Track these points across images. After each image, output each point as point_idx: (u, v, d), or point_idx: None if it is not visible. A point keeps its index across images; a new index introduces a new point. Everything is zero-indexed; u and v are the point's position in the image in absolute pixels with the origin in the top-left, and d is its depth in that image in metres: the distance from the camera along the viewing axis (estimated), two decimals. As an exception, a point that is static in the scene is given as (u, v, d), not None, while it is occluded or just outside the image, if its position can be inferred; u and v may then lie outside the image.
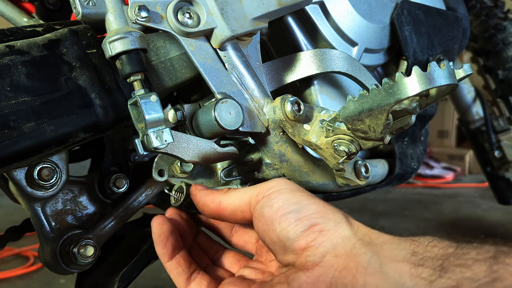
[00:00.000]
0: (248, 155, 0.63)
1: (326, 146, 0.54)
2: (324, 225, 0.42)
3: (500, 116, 1.33)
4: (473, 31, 1.27)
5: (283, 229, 0.43)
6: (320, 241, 0.41)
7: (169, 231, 0.51)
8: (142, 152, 0.49)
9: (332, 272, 0.40)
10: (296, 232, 0.42)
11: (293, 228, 0.42)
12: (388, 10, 0.76)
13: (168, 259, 0.51)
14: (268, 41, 0.74)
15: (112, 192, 0.70)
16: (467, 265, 0.35)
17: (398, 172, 0.80)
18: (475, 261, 0.35)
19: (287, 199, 0.45)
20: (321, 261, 0.40)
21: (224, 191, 0.51)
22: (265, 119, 0.57)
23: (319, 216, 0.43)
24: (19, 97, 0.49)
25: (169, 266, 0.51)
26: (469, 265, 0.35)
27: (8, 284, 1.55)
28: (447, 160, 3.06)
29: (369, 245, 0.41)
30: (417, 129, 0.85)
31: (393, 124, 0.50)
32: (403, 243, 0.40)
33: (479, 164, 1.40)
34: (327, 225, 0.42)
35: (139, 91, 0.49)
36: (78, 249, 0.63)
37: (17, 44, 0.51)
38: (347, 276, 0.39)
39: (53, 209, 0.65)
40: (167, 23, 0.54)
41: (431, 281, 0.36)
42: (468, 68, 0.47)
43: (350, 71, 0.68)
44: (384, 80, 0.44)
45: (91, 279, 0.75)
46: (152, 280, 1.47)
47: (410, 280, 0.36)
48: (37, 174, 0.59)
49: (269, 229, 0.44)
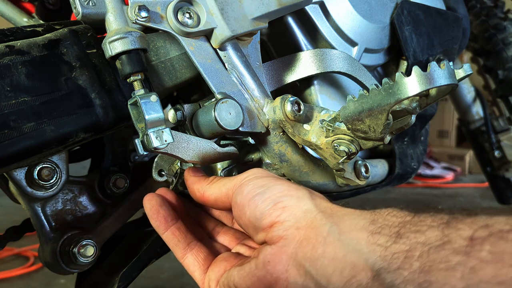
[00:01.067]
0: (248, 155, 0.63)
1: (326, 146, 0.54)
2: (287, 202, 0.45)
3: (500, 116, 1.33)
4: (473, 31, 1.27)
5: (251, 212, 0.46)
6: (284, 217, 0.44)
7: (158, 204, 0.53)
8: (142, 152, 0.49)
9: (294, 243, 0.42)
10: (262, 211, 0.45)
11: (259, 209, 0.45)
12: (388, 10, 0.76)
13: (163, 230, 0.53)
14: (268, 41, 0.74)
15: (112, 192, 0.71)
16: (421, 231, 0.37)
17: (398, 172, 0.80)
18: (429, 227, 0.37)
19: (254, 184, 0.47)
20: (284, 234, 0.43)
21: (209, 180, 0.53)
22: (265, 119, 0.57)
23: (283, 195, 0.45)
24: (19, 97, 0.49)
25: (165, 237, 0.53)
26: (423, 231, 0.37)
27: (8, 284, 1.56)
28: (447, 160, 3.07)
29: (330, 216, 0.43)
30: (417, 129, 0.85)
31: (393, 124, 0.50)
32: (363, 214, 0.42)
33: (479, 164, 1.40)
34: (290, 201, 0.45)
35: (139, 91, 0.49)
36: (78, 249, 0.63)
37: (17, 44, 0.52)
38: (307, 246, 0.41)
39: (53, 209, 0.65)
40: (167, 23, 0.54)
41: (386, 246, 0.37)
42: (468, 68, 0.47)
43: (350, 71, 0.68)
44: (384, 80, 0.44)
45: (91, 279, 0.75)
46: (152, 280, 1.47)
47: (366, 247, 0.38)
48: (37, 174, 0.59)
49: (241, 214, 0.47)
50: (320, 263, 0.40)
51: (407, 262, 0.36)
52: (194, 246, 0.53)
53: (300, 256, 0.41)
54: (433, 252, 0.35)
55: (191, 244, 0.53)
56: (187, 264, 0.52)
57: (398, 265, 0.36)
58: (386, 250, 0.37)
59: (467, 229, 0.35)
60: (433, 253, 0.35)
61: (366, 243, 0.38)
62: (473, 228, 0.35)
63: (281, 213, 0.44)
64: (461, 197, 2.43)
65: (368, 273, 0.37)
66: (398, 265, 0.36)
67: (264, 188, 0.46)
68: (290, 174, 0.61)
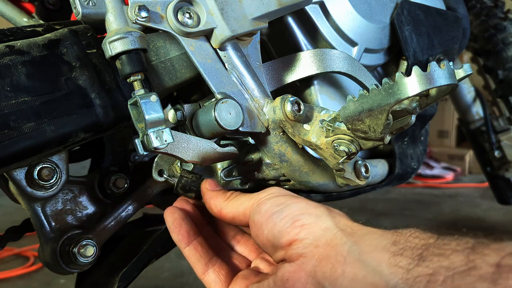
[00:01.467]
0: (248, 155, 0.63)
1: (326, 146, 0.54)
2: (305, 220, 0.45)
3: (500, 116, 1.33)
4: (473, 31, 1.27)
5: (269, 230, 0.46)
6: (302, 235, 0.44)
7: (181, 218, 0.53)
8: (142, 152, 0.49)
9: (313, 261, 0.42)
10: (281, 230, 0.45)
11: (277, 227, 0.45)
12: (388, 10, 0.76)
13: (186, 244, 0.52)
14: (268, 41, 0.74)
15: (112, 192, 0.70)
16: (445, 254, 0.36)
17: (398, 172, 0.80)
18: (454, 251, 0.36)
19: (272, 203, 0.47)
20: (303, 252, 0.43)
21: (227, 197, 0.53)
22: (265, 119, 0.57)
23: (301, 213, 0.45)
24: (19, 97, 0.49)
25: (187, 252, 0.52)
26: (447, 255, 0.36)
27: (8, 284, 1.56)
28: (447, 160, 3.06)
29: (350, 235, 0.42)
30: (417, 129, 0.85)
31: (393, 124, 0.50)
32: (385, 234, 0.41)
33: (479, 164, 1.40)
34: (309, 219, 0.45)
35: (139, 91, 0.49)
36: (78, 249, 0.63)
37: (17, 44, 0.51)
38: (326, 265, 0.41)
39: (53, 209, 0.65)
40: (167, 23, 0.54)
41: (409, 269, 0.36)
42: (468, 68, 0.47)
43: (350, 71, 0.68)
44: (384, 80, 0.44)
45: (91, 279, 0.75)
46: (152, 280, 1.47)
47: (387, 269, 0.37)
48: (37, 174, 0.59)
49: (259, 233, 0.47)
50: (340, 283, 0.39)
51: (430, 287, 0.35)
52: (216, 262, 0.52)
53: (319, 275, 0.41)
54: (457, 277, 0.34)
55: (212, 259, 0.52)
56: (208, 281, 0.51)
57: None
58: (408, 273, 0.36)
59: (493, 256, 0.34)
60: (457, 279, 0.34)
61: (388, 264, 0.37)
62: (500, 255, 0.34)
63: (299, 231, 0.44)
64: (461, 197, 2.43)
65: None
66: None
67: (282, 206, 0.46)
68: (290, 174, 0.61)
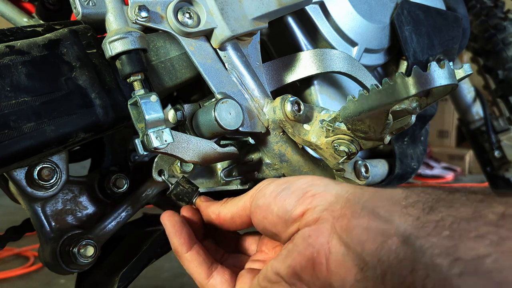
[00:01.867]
0: (248, 155, 0.63)
1: (326, 146, 0.54)
2: (315, 190, 0.45)
3: (500, 116, 1.33)
4: (473, 31, 1.27)
5: (280, 207, 0.46)
6: (315, 203, 0.45)
7: (181, 222, 0.52)
8: (142, 152, 0.49)
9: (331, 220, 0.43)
10: (292, 203, 0.45)
11: (288, 201, 0.46)
12: (388, 10, 0.76)
13: (187, 249, 0.51)
14: (268, 41, 0.74)
15: (112, 192, 0.70)
16: (454, 206, 0.38)
17: (398, 172, 0.80)
18: (463, 204, 0.38)
19: (275, 184, 0.48)
20: (320, 215, 0.44)
21: (222, 202, 0.53)
22: (265, 119, 0.57)
23: (309, 185, 0.46)
24: (19, 97, 0.49)
25: (188, 256, 0.51)
26: (456, 207, 0.38)
27: (8, 284, 1.56)
28: (447, 160, 3.07)
29: (361, 195, 0.44)
30: (417, 129, 0.85)
31: (393, 124, 0.50)
32: (396, 191, 0.43)
33: (479, 164, 1.40)
34: (318, 189, 0.45)
35: (139, 91, 0.49)
36: (78, 249, 0.63)
37: (17, 44, 0.51)
38: (343, 220, 0.42)
39: (53, 209, 0.65)
40: (167, 23, 0.54)
41: (418, 217, 0.38)
42: (468, 68, 0.47)
43: (350, 71, 0.68)
44: (384, 80, 0.44)
45: (91, 279, 0.75)
46: (152, 280, 1.47)
47: (399, 218, 0.39)
48: (37, 174, 0.59)
49: (267, 214, 0.47)
50: (355, 232, 0.41)
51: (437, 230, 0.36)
52: (217, 265, 0.52)
53: (338, 229, 0.42)
54: (463, 223, 0.36)
55: (213, 263, 0.52)
56: (214, 285, 0.51)
57: (428, 232, 0.37)
58: (417, 220, 0.38)
59: (500, 207, 0.36)
60: (463, 224, 0.36)
61: (399, 214, 0.39)
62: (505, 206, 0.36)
63: (311, 200, 0.45)
64: (461, 197, 2.42)
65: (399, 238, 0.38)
66: (428, 232, 0.37)
67: (287, 184, 0.47)
68: (290, 174, 0.61)
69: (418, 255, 0.36)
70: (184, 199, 0.56)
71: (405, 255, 0.37)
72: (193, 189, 0.56)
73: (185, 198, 0.56)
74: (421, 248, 0.36)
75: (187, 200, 0.56)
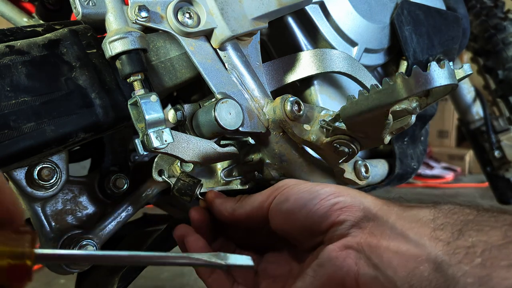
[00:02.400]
0: (248, 155, 0.63)
1: (326, 146, 0.54)
2: (342, 203, 0.46)
3: (500, 116, 1.33)
4: (473, 31, 1.27)
5: (307, 217, 0.46)
6: (343, 217, 0.45)
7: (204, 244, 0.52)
8: (142, 152, 0.49)
9: (358, 238, 0.43)
10: (320, 215, 0.45)
11: (317, 213, 0.46)
12: (388, 10, 0.76)
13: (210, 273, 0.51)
14: (268, 41, 0.74)
15: (112, 192, 0.70)
16: (484, 230, 0.38)
17: (398, 172, 0.80)
18: (492, 228, 0.38)
19: (299, 191, 0.48)
20: (347, 232, 0.44)
21: (237, 199, 0.53)
22: (265, 119, 0.57)
23: (335, 196, 0.46)
24: (19, 97, 0.49)
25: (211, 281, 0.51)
26: (486, 230, 0.38)
27: (8, 284, 1.55)
28: (447, 160, 3.06)
29: (389, 213, 0.44)
30: (417, 129, 0.85)
31: (393, 124, 0.50)
32: (424, 209, 0.43)
33: (479, 164, 1.40)
34: (346, 202, 0.46)
35: (139, 91, 0.49)
36: (78, 249, 0.62)
37: (17, 44, 0.51)
38: (372, 241, 0.43)
39: (53, 209, 0.65)
40: (167, 23, 0.54)
41: (449, 242, 0.38)
42: (468, 68, 0.47)
43: (350, 71, 0.68)
44: (384, 80, 0.44)
45: (91, 279, 0.75)
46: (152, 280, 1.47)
47: (429, 242, 0.39)
48: (37, 174, 0.59)
49: (291, 220, 0.47)
50: (386, 256, 0.41)
51: (469, 257, 0.37)
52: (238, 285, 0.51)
53: (367, 250, 0.42)
54: (495, 250, 0.36)
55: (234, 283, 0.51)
56: None
57: (459, 260, 0.37)
58: (448, 245, 0.38)
59: None
60: (495, 251, 0.36)
61: (429, 238, 0.39)
62: None
63: (340, 214, 0.45)
64: (461, 197, 2.43)
65: (430, 265, 0.38)
66: (460, 259, 0.37)
67: (313, 193, 0.47)
68: (290, 174, 0.61)
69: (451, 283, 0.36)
70: (187, 192, 0.56)
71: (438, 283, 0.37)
72: (195, 182, 0.56)
73: (188, 191, 0.56)
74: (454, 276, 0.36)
75: (190, 193, 0.56)
